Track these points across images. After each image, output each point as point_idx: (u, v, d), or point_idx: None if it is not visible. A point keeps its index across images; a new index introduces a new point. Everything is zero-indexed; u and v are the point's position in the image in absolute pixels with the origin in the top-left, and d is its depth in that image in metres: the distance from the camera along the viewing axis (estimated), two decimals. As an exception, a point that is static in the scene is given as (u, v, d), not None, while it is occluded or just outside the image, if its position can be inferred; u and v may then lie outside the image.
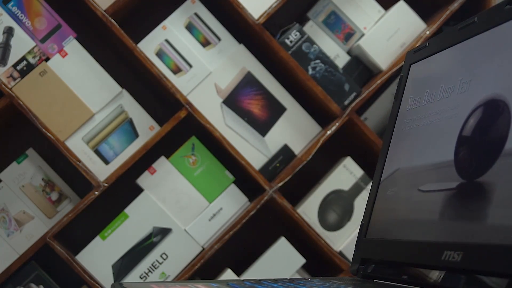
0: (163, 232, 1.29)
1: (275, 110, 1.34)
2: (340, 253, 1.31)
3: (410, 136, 0.58)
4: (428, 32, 1.33)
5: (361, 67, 1.37)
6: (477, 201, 0.46)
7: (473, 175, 0.47)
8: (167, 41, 1.30)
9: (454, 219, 0.48)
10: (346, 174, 1.34)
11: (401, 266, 0.53)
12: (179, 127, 1.29)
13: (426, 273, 0.50)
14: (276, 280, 0.51)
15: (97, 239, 1.27)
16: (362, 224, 0.59)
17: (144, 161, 1.28)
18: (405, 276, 0.52)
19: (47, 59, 1.25)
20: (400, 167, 0.57)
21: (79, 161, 1.23)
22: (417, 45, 0.62)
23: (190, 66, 1.31)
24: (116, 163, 1.27)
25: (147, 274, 1.28)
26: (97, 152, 1.28)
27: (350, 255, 1.30)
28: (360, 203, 1.33)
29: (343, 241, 1.32)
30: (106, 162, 1.28)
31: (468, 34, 0.55)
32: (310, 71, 1.32)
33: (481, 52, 0.52)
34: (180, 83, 1.30)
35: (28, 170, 1.29)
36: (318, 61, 1.32)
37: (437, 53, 0.58)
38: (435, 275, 0.49)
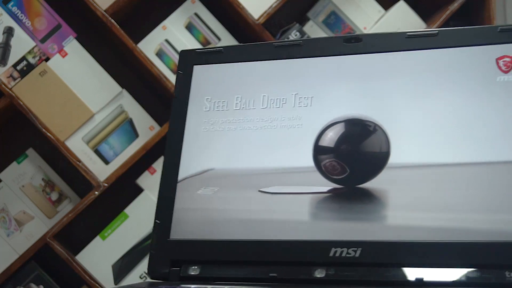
0: (163, 232, 1.29)
1: (275, 110, 1.34)
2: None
3: (225, 138, 0.59)
4: (428, 32, 1.33)
5: (361, 67, 1.37)
6: (363, 204, 0.53)
7: (352, 182, 0.54)
8: (167, 41, 1.30)
9: (329, 220, 0.53)
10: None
11: (237, 266, 0.53)
12: (179, 127, 1.28)
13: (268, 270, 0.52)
14: None
15: (97, 239, 1.27)
16: (159, 224, 0.56)
17: (144, 161, 1.28)
18: (240, 275, 0.52)
19: (47, 59, 1.25)
20: (215, 167, 0.58)
21: (79, 161, 1.23)
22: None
23: (190, 66, 1.31)
24: (116, 163, 1.27)
25: (147, 274, 1.28)
26: (97, 152, 1.28)
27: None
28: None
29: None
30: (106, 162, 1.28)
31: (293, 54, 0.61)
32: (310, 71, 1.32)
33: (318, 74, 0.59)
34: (180, 83, 1.30)
35: (28, 170, 1.29)
36: (318, 61, 1.32)
37: (243, 62, 0.61)
38: (294, 271, 0.52)
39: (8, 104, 1.23)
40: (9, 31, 1.24)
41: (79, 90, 1.26)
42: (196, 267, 0.53)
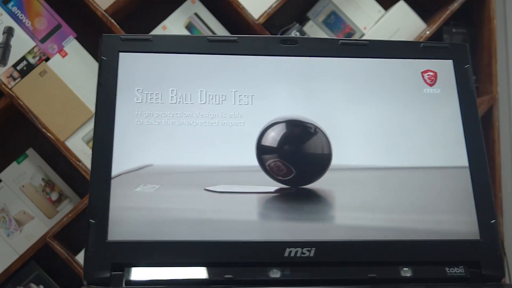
0: (163, 232, 1.29)
1: (275, 110, 1.34)
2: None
3: (162, 132, 0.55)
4: (428, 32, 1.33)
5: (361, 67, 1.37)
6: (312, 204, 0.54)
7: (299, 183, 0.55)
8: (167, 41, 1.30)
9: (281, 220, 0.53)
10: (346, 174, 1.34)
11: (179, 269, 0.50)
12: (179, 127, 1.28)
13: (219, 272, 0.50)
14: None
15: (97, 239, 1.27)
16: (94, 224, 0.51)
17: (144, 161, 1.27)
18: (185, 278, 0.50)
19: (47, 59, 1.25)
20: (154, 163, 0.54)
21: (79, 161, 1.23)
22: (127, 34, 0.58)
23: (190, 66, 1.30)
24: (116, 163, 1.27)
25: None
26: (97, 152, 1.28)
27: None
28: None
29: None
30: (106, 162, 1.28)
31: (228, 51, 0.59)
32: (310, 71, 1.32)
33: (257, 73, 0.58)
34: (180, 83, 1.30)
35: (28, 170, 1.29)
36: (318, 61, 1.32)
37: (175, 54, 0.58)
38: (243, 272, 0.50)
39: (8, 104, 1.23)
40: (9, 31, 1.24)
41: (79, 90, 1.26)
42: (141, 270, 0.49)
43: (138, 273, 0.49)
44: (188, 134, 0.56)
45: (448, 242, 0.54)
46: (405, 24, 1.35)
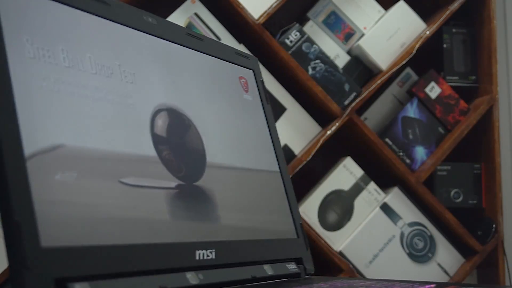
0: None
1: (275, 110, 1.34)
2: (340, 253, 1.32)
3: (64, 103, 0.43)
4: (428, 32, 1.33)
5: (361, 67, 1.37)
6: (203, 203, 0.53)
7: (189, 179, 0.52)
8: (167, 41, 1.30)
9: (186, 219, 0.50)
10: (346, 174, 1.34)
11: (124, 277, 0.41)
12: (179, 127, 1.28)
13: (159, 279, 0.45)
14: None
15: (97, 239, 1.26)
16: (21, 224, 0.36)
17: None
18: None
19: (47, 59, 1.25)
20: (65, 143, 0.42)
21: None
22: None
23: (190, 66, 1.30)
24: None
25: None
26: (97, 152, 1.28)
27: (350, 255, 1.30)
28: (361, 203, 1.33)
29: (343, 241, 1.32)
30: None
31: (103, 13, 0.49)
32: (310, 71, 1.32)
33: (132, 46, 0.51)
34: (180, 83, 1.30)
35: (28, 170, 1.29)
36: (318, 61, 1.32)
37: (67, 6, 0.46)
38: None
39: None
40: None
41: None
42: (81, 286, 0.38)
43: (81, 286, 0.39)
44: (91, 110, 0.45)
45: (283, 241, 0.59)
46: (405, 24, 1.35)
